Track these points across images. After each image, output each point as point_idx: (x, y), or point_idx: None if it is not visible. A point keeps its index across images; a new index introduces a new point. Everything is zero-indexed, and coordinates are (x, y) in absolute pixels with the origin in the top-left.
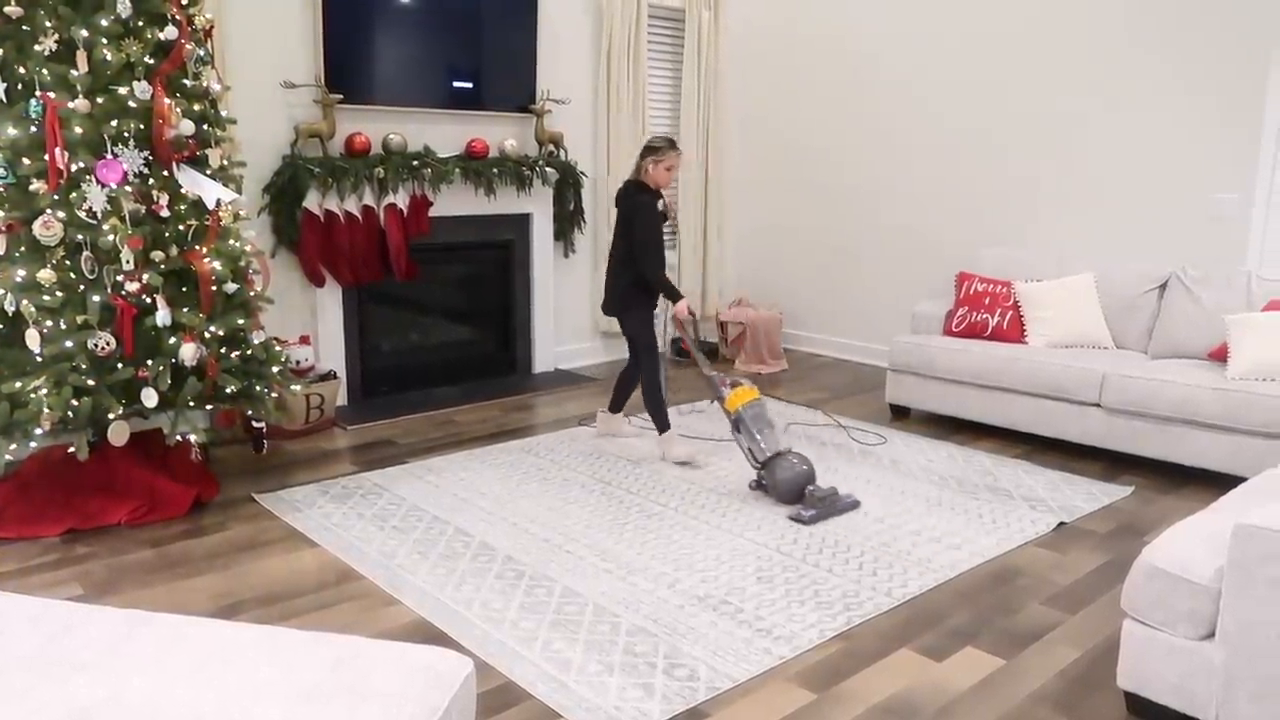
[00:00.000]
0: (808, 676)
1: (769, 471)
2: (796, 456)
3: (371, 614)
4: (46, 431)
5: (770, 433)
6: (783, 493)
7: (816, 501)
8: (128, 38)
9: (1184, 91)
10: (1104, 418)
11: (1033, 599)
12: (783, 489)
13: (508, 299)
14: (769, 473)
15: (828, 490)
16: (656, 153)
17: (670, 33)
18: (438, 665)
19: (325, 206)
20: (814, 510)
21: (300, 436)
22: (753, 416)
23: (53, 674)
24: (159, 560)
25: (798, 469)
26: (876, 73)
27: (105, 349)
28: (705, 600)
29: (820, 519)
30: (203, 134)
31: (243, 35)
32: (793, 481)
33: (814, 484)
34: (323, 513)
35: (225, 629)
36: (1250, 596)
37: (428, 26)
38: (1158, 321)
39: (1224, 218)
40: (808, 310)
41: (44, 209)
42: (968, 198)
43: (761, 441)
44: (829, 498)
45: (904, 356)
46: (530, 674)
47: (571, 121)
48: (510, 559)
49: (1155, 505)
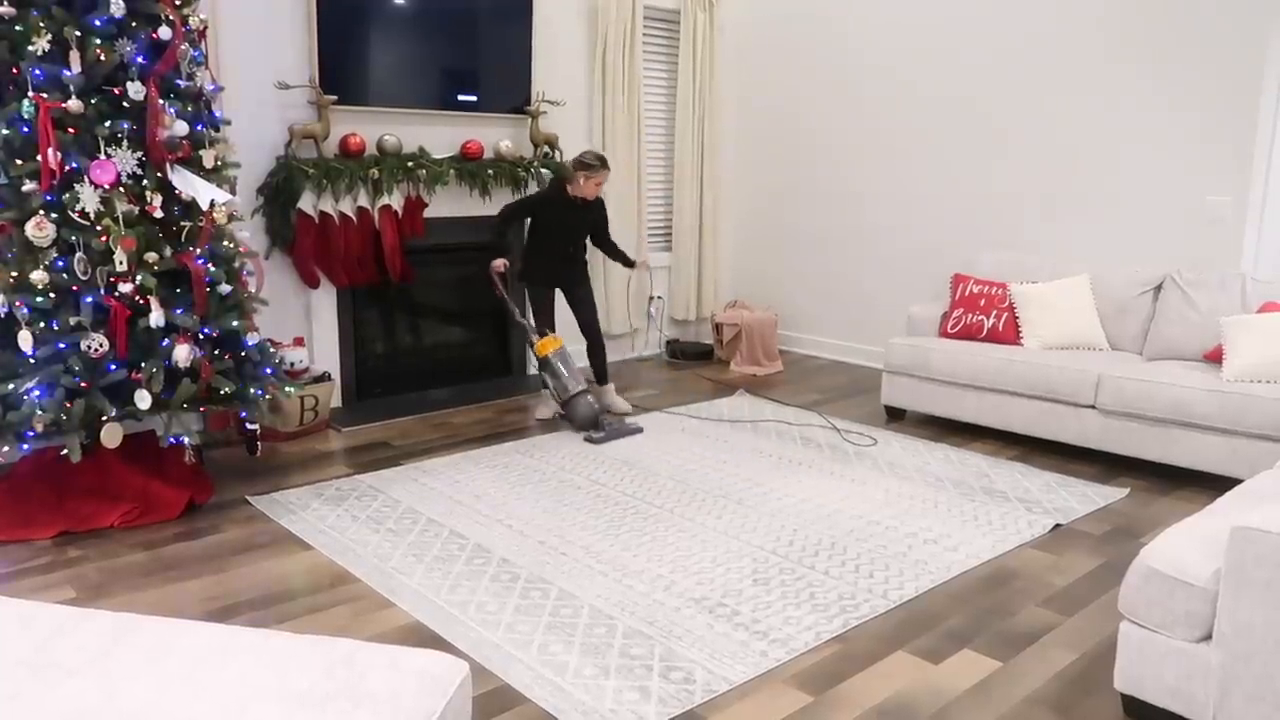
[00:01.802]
0: (804, 679)
1: (570, 406)
2: (592, 395)
3: (366, 617)
4: (39, 433)
5: (571, 375)
6: (581, 422)
7: (604, 426)
8: (121, 38)
9: (1179, 94)
10: (1099, 419)
11: (1029, 601)
12: (580, 419)
13: (502, 301)
14: (570, 407)
15: (616, 420)
16: (590, 169)
17: (665, 34)
18: (433, 669)
19: (320, 208)
20: (603, 432)
21: (294, 439)
22: (559, 360)
23: (44, 678)
24: (152, 563)
25: (592, 405)
26: (872, 75)
27: (98, 351)
28: (701, 603)
29: (608, 439)
30: (196, 135)
31: (237, 36)
32: (587, 414)
33: (605, 415)
34: (317, 515)
35: (219, 632)
36: (1247, 598)
37: (422, 28)
38: (1153, 323)
39: (1218, 220)
40: (803, 312)
41: (37, 210)
42: (963, 200)
43: (566, 381)
44: (616, 424)
45: (899, 358)
46: (526, 677)
47: (566, 123)
48: (506, 561)
49: (1151, 507)
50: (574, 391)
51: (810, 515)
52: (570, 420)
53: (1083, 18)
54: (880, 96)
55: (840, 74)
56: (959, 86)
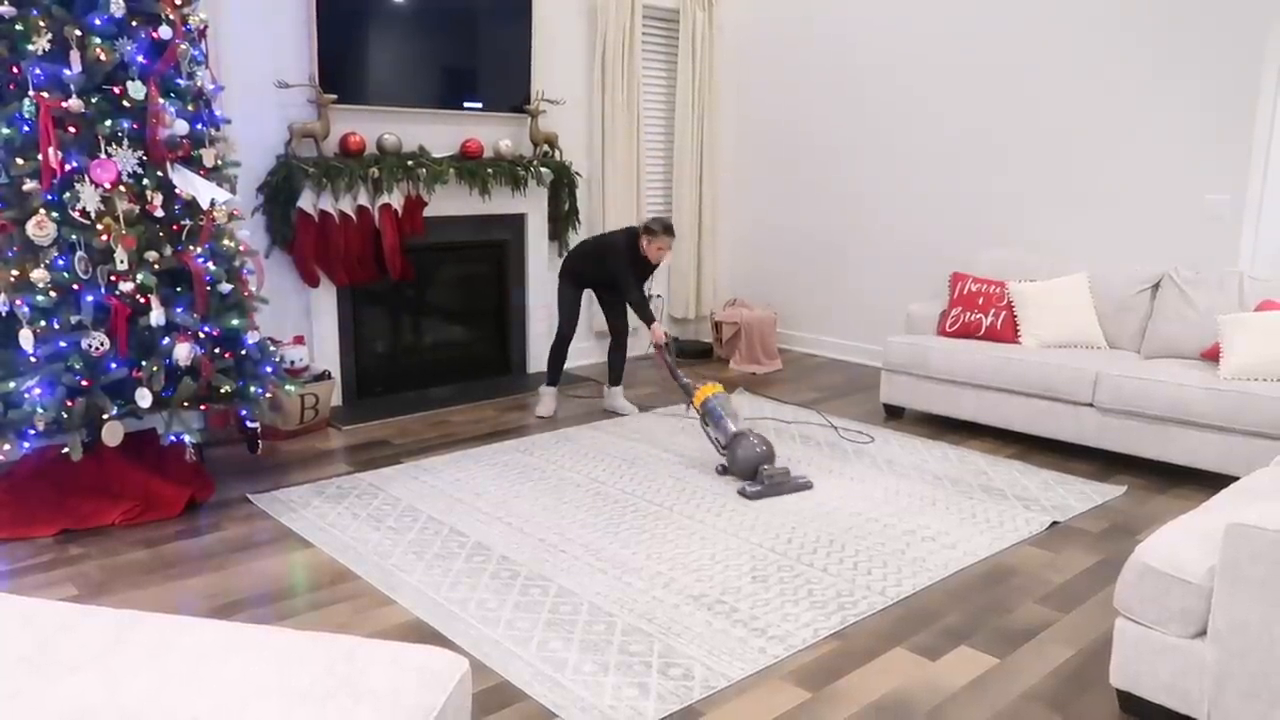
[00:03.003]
0: (802, 675)
1: (730, 450)
2: (756, 438)
3: (367, 614)
4: (40, 432)
5: (731, 419)
6: (740, 469)
7: (765, 478)
8: (122, 37)
9: (1177, 93)
10: (1097, 417)
11: (1026, 598)
12: (740, 465)
13: (502, 299)
14: (729, 452)
15: (779, 470)
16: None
17: (665, 33)
18: (433, 665)
19: (320, 206)
20: (759, 487)
21: (295, 437)
22: (717, 406)
23: (47, 675)
24: (153, 561)
25: (755, 449)
26: (871, 73)
27: (99, 349)
28: (700, 599)
29: (764, 496)
30: (197, 134)
31: (237, 35)
32: (748, 459)
33: (770, 464)
34: (318, 513)
35: (220, 629)
36: (1242, 595)
37: (422, 27)
38: (1150, 322)
39: (1216, 218)
40: (802, 310)
41: (37, 209)
42: (962, 198)
43: (725, 424)
44: (777, 477)
45: (898, 356)
46: (525, 673)
47: (566, 122)
48: (505, 559)
49: (1148, 505)
50: (734, 431)
51: (809, 513)
52: (730, 468)
53: (1080, 17)
54: (879, 95)
55: (839, 73)
56: (957, 85)
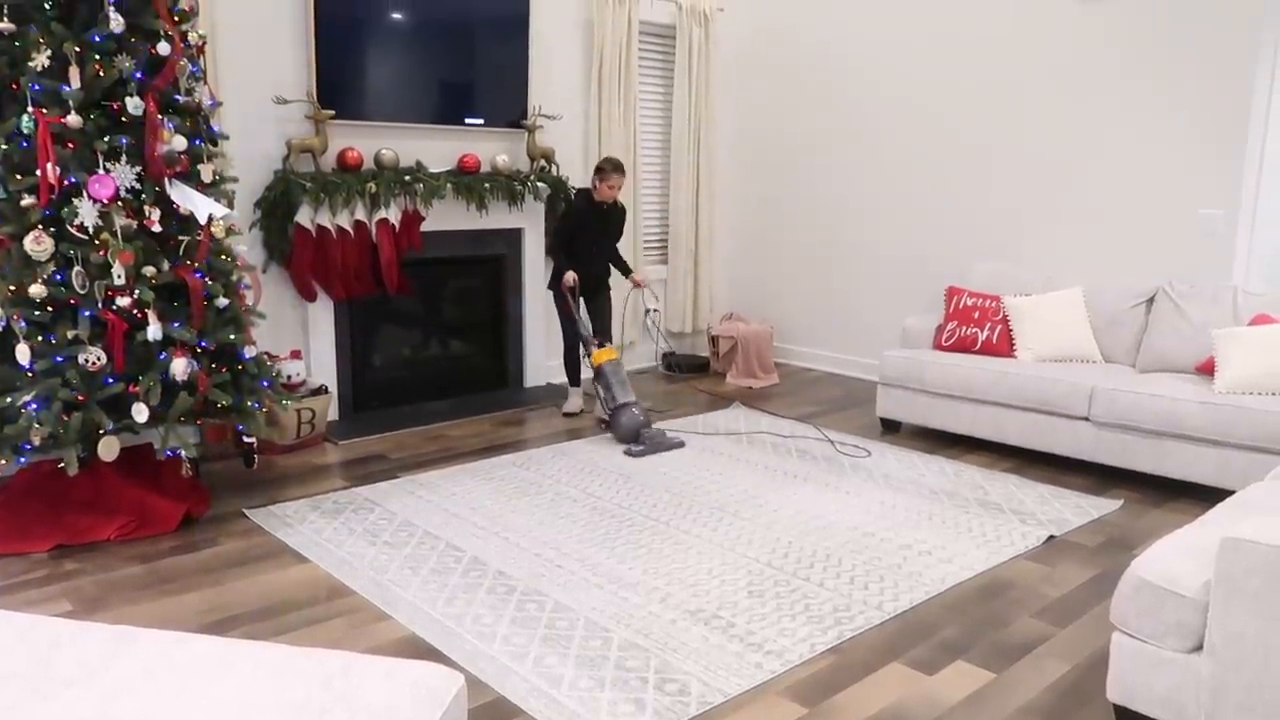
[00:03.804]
0: (799, 690)
1: (614, 416)
2: (639, 409)
3: (362, 629)
4: (36, 446)
5: (621, 387)
6: (623, 433)
7: (645, 439)
8: (120, 53)
9: (1170, 108)
10: (1093, 431)
11: (1023, 612)
12: (623, 430)
13: (499, 313)
14: (614, 416)
15: (657, 432)
16: (600, 173)
17: (661, 48)
18: (429, 680)
19: (317, 221)
20: (642, 446)
21: (291, 451)
22: (611, 371)
23: (41, 691)
24: (149, 576)
25: (636, 417)
26: (867, 88)
27: (96, 364)
28: (696, 615)
29: (647, 453)
30: (195, 149)
31: (236, 51)
32: (630, 425)
33: (648, 428)
34: (314, 528)
35: (215, 645)
36: (1237, 609)
37: (420, 43)
38: (1145, 336)
39: (1210, 233)
40: (799, 324)
41: (35, 224)
42: (957, 213)
43: (615, 392)
44: (656, 437)
45: (895, 371)
46: (521, 689)
47: (563, 137)
48: (501, 574)
49: (1144, 519)
50: (621, 401)
51: (805, 527)
52: (612, 430)
53: (1075, 34)
54: (875, 111)
55: (835, 88)
56: (953, 101)
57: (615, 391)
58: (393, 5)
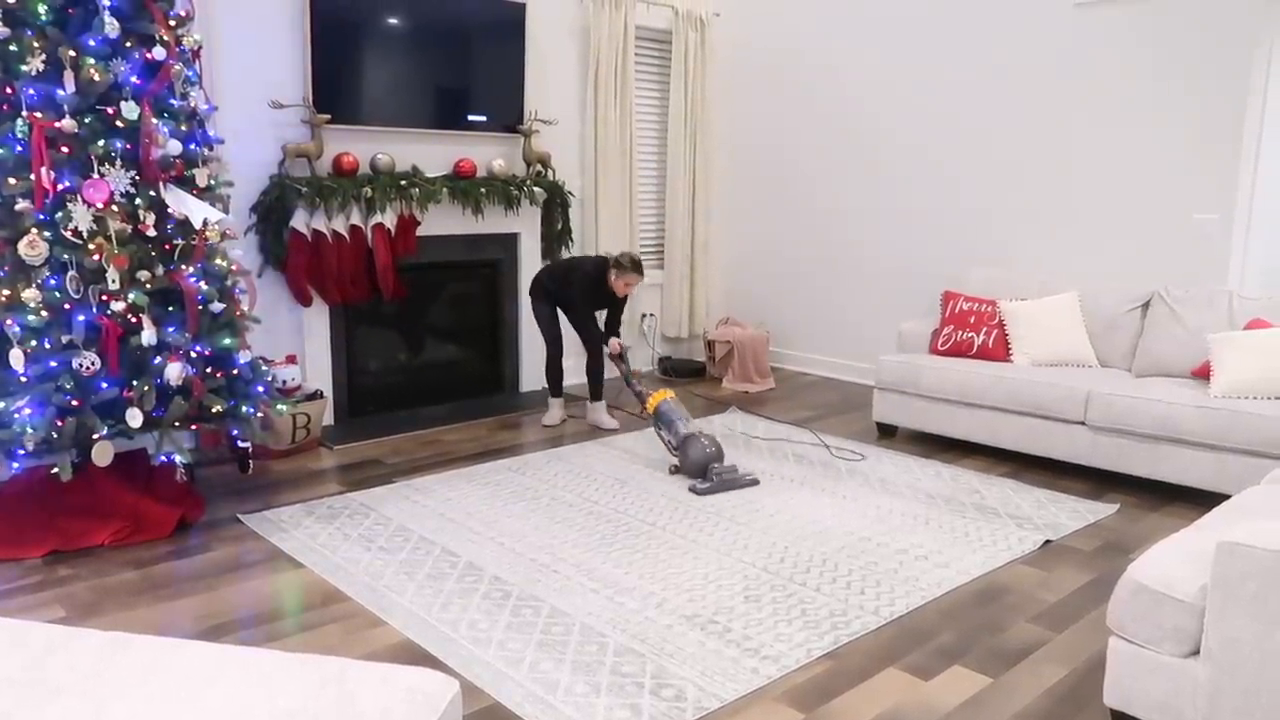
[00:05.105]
0: (795, 696)
1: (681, 451)
2: (706, 439)
3: (357, 635)
4: (30, 452)
5: (684, 421)
6: (691, 468)
7: (714, 475)
8: (115, 58)
9: (1165, 113)
10: (1089, 436)
11: (1019, 617)
12: (691, 464)
13: (495, 318)
14: (681, 452)
15: (728, 468)
16: (620, 269)
17: (657, 54)
18: (424, 686)
19: (313, 226)
20: (709, 484)
21: (286, 456)
22: (668, 410)
23: (34, 697)
24: (143, 582)
25: (705, 449)
26: (863, 93)
27: (90, 369)
28: (693, 620)
29: (713, 492)
30: (190, 154)
31: (231, 55)
32: (698, 459)
33: (719, 463)
34: (308, 533)
35: (209, 651)
36: (1233, 613)
37: (416, 47)
38: (1141, 340)
39: (1205, 237)
40: (795, 329)
41: (30, 228)
42: (953, 218)
43: (678, 426)
44: (726, 474)
45: (890, 375)
46: (517, 695)
47: (559, 142)
48: (497, 579)
49: (1141, 523)
50: (685, 433)
51: (802, 532)
52: (682, 468)
53: (1070, 39)
54: (871, 115)
55: (831, 93)
56: (949, 106)
57: (678, 426)
58: (389, 10)
